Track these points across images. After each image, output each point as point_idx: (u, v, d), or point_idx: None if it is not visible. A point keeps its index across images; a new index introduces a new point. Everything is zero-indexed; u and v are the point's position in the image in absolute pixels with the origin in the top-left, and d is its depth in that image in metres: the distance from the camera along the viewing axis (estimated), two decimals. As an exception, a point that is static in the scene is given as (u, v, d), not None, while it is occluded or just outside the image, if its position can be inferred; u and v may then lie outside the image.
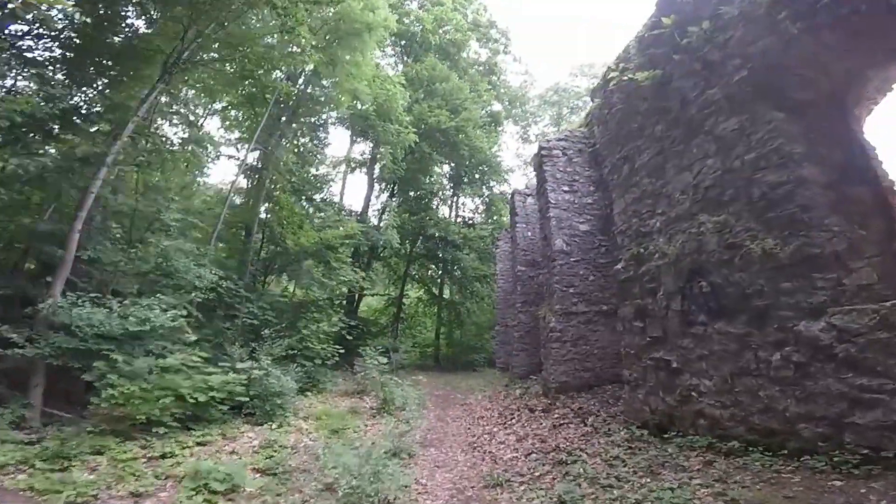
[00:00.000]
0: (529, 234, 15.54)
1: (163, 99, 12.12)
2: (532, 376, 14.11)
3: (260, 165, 15.05)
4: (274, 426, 9.20)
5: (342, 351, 13.54)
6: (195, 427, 7.69)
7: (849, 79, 4.72)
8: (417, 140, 20.16)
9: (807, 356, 4.40)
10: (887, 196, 4.49)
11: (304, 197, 16.51)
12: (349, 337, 15.01)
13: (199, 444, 7.32)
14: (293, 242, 12.78)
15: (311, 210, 17.13)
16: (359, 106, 18.10)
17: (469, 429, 10.09)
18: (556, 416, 9.49)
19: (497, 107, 30.30)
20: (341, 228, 14.21)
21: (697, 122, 6.00)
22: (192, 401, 7.37)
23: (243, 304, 11.97)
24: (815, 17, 4.24)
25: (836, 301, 4.23)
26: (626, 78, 7.36)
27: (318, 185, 18.90)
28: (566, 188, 12.00)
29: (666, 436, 6.19)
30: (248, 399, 8.86)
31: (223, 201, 14.12)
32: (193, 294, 9.05)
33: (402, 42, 25.56)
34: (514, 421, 9.88)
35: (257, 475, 6.67)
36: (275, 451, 7.85)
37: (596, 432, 7.68)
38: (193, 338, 8.30)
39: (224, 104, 16.58)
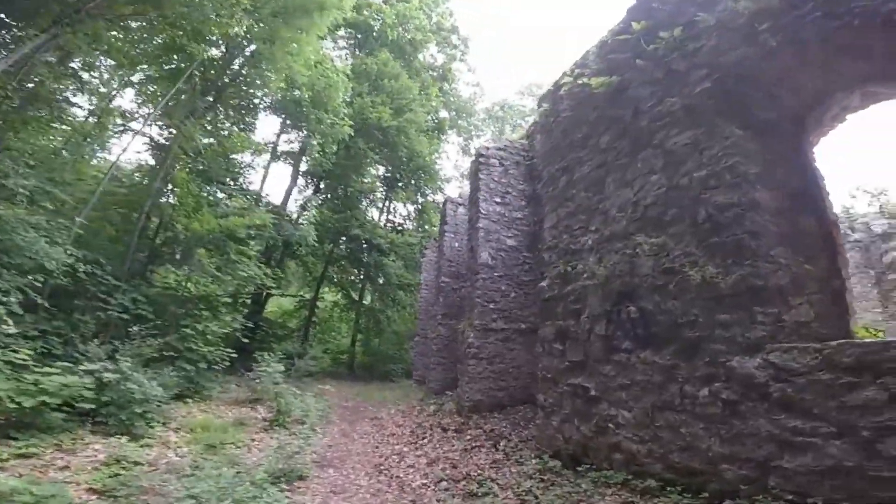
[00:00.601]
0: (457, 244, 15.06)
1: (51, 58, 10.19)
2: (447, 392, 13.49)
3: (167, 143, 13.33)
4: (130, 438, 7.77)
5: (234, 354, 12.07)
6: (20, 436, 6.15)
7: (815, 100, 4.57)
8: (353, 134, 19.07)
9: (738, 394, 4.11)
10: (832, 230, 4.37)
11: (214, 181, 14.80)
12: (244, 340, 13.52)
13: (20, 456, 5.82)
14: (183, 227, 11.18)
15: (219, 196, 15.44)
16: (296, 93, 16.76)
17: (377, 447, 9.20)
18: (468, 437, 8.89)
19: (444, 114, 29.97)
20: (247, 217, 12.75)
21: (647, 134, 5.69)
22: (13, 406, 5.87)
23: (113, 295, 10.22)
24: (801, 30, 4.02)
25: (774, 338, 3.97)
26: (579, 83, 7.02)
27: (235, 171, 17.16)
28: (498, 199, 11.65)
29: (580, 468, 5.76)
30: (95, 406, 7.37)
31: (116, 178, 12.23)
32: (32, 277, 7.37)
33: (358, 35, 24.45)
34: (425, 441, 9.15)
35: (91, 497, 5.36)
36: (123, 469, 6.49)
37: (507, 459, 7.14)
38: (12, 330, 6.69)
39: (144, 77, 14.56)
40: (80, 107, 12.29)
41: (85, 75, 13.61)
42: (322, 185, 22.31)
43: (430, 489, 6.51)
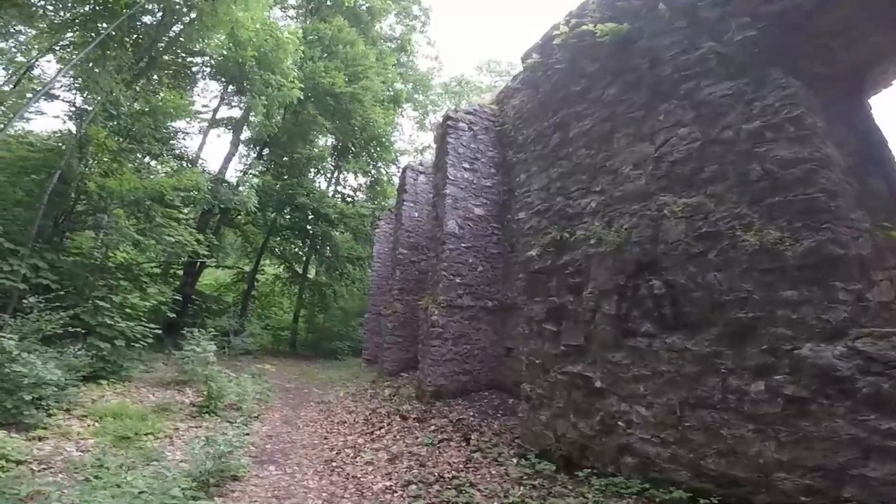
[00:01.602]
0: (416, 214, 13.77)
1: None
2: (403, 373, 12.36)
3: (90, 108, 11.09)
4: (18, 430, 6.13)
5: (159, 330, 10.28)
6: None
7: (875, 55, 3.74)
8: (302, 98, 17.01)
9: (809, 389, 3.24)
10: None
11: (140, 142, 12.42)
12: (171, 315, 11.66)
13: None
14: (96, 185, 9.12)
15: (146, 160, 13.14)
16: (239, 54, 14.53)
17: (326, 438, 7.92)
18: (432, 427, 7.81)
19: (400, 86, 28.05)
20: (175, 178, 10.76)
21: (669, 85, 4.71)
22: None
23: (7, 260, 8.17)
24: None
25: (855, 321, 3.12)
26: (576, 32, 5.92)
27: (165, 133, 14.60)
28: (467, 166, 10.49)
29: (579, 473, 4.81)
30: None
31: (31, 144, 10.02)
32: None
33: (310, 2, 21.95)
34: (383, 431, 7.97)
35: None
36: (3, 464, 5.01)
37: (483, 457, 6.12)
38: None
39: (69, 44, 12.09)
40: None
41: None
42: (265, 153, 20.03)
43: (395, 494, 5.38)
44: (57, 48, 12.85)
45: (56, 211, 9.95)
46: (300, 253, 23.52)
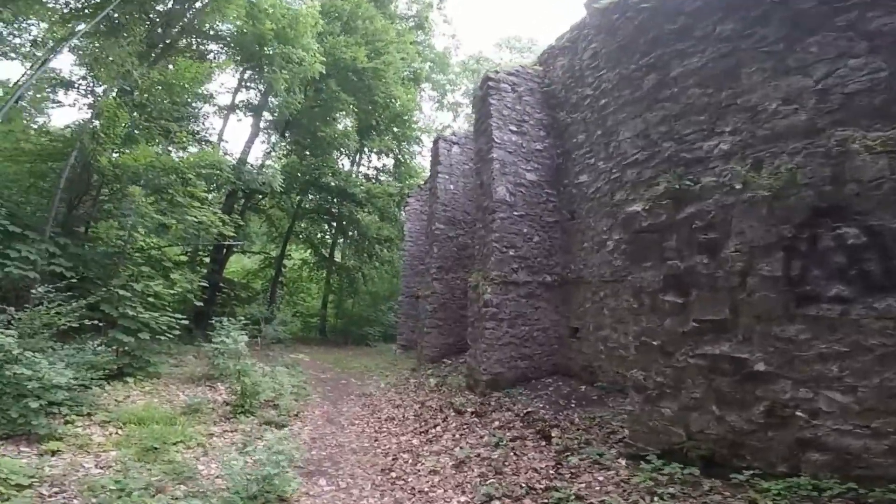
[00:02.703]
0: (452, 187, 12.47)
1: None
2: (445, 360, 11.23)
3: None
4: (28, 443, 5.20)
5: (185, 321, 9.30)
6: None
7: None
8: (324, 72, 15.74)
9: None
10: None
11: (157, 119, 11.34)
12: (198, 304, 10.69)
13: None
14: (108, 161, 8.06)
15: (165, 140, 12.11)
16: (257, 27, 13.34)
17: (376, 440, 6.83)
18: (496, 423, 6.63)
19: (419, 65, 26.51)
20: (195, 156, 9.65)
21: (815, 18, 3.62)
22: None
23: (14, 247, 7.21)
24: None
25: None
26: None
27: (184, 109, 13.52)
28: (514, 128, 9.12)
29: (737, 476, 3.58)
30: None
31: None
32: None
33: None
34: (439, 429, 6.83)
35: None
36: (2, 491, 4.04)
37: (579, 459, 4.91)
38: None
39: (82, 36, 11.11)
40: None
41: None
42: (287, 134, 18.85)
43: (477, 514, 4.23)
44: (74, 41, 12.00)
45: (72, 195, 8.99)
46: (326, 236, 22.52)
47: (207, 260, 17.38)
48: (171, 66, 11.63)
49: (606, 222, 7.68)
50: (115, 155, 8.20)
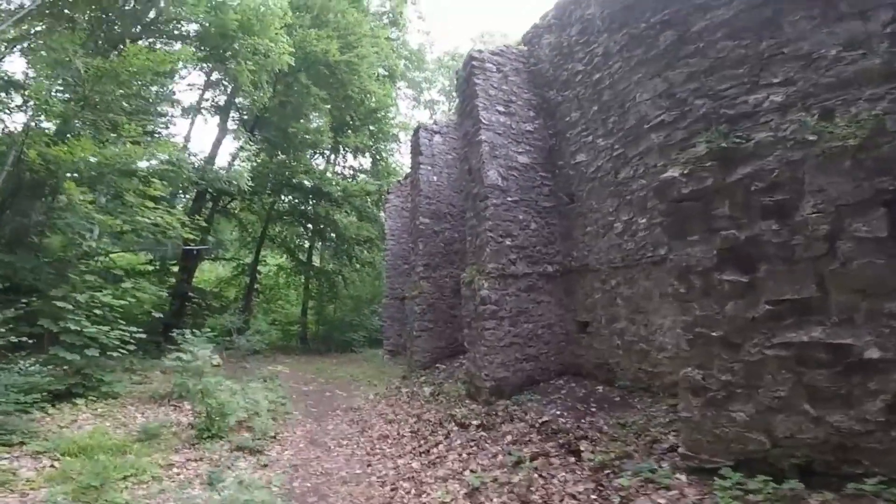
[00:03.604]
0: (435, 178, 11.48)
1: None
2: (439, 365, 10.21)
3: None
4: None
5: (142, 334, 8.04)
6: None
7: None
8: (293, 64, 14.53)
9: None
10: None
11: (106, 111, 9.94)
12: (157, 314, 9.42)
13: None
14: (37, 155, 6.75)
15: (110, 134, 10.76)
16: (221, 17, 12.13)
17: (369, 464, 5.76)
18: (508, 437, 5.65)
19: (395, 61, 25.41)
20: (146, 147, 8.32)
21: None
22: None
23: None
24: None
25: None
26: None
27: (138, 106, 12.05)
28: (501, 108, 8.23)
29: (863, 486, 2.73)
30: None
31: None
32: None
33: None
34: (442, 448, 5.80)
35: None
36: None
37: (628, 479, 3.97)
38: None
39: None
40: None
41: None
42: (257, 132, 17.48)
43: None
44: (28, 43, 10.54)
45: (3, 196, 7.64)
46: (303, 240, 21.21)
47: (176, 269, 15.97)
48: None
49: (612, 203, 6.84)
50: (47, 148, 6.86)
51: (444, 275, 10.92)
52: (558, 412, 6.02)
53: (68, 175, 7.12)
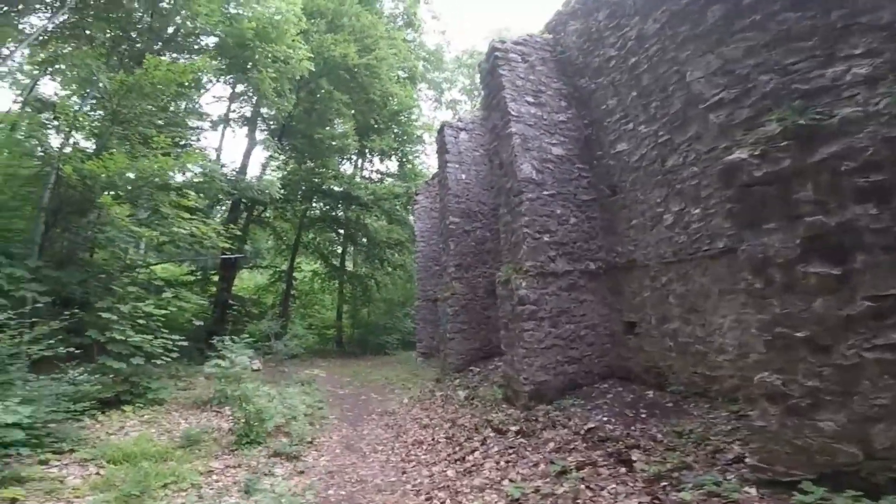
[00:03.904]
0: (464, 176, 11.19)
1: None
2: (473, 368, 9.89)
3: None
4: None
5: (184, 342, 8.11)
6: None
7: None
8: (313, 70, 14.63)
9: None
10: None
11: (135, 124, 10.10)
12: (197, 322, 9.53)
13: None
14: (72, 171, 6.88)
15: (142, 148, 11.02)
16: (237, 28, 12.34)
17: (404, 471, 5.53)
18: (550, 444, 5.29)
19: (414, 62, 25.33)
20: (177, 157, 8.39)
21: None
22: None
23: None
24: None
25: None
26: None
27: (167, 119, 12.20)
28: (531, 99, 7.85)
29: None
30: None
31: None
32: None
33: None
34: (478, 455, 5.50)
35: None
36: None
37: (690, 492, 3.56)
38: None
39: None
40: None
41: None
42: (284, 141, 17.69)
43: None
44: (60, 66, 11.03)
45: (48, 214, 7.87)
46: (335, 245, 21.38)
47: (217, 278, 16.35)
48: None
49: (659, 193, 6.34)
50: (82, 164, 6.99)
51: (476, 275, 10.60)
52: (605, 418, 5.61)
53: (106, 192, 7.22)
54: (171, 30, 13.24)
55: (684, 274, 5.92)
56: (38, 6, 11.02)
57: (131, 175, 7.58)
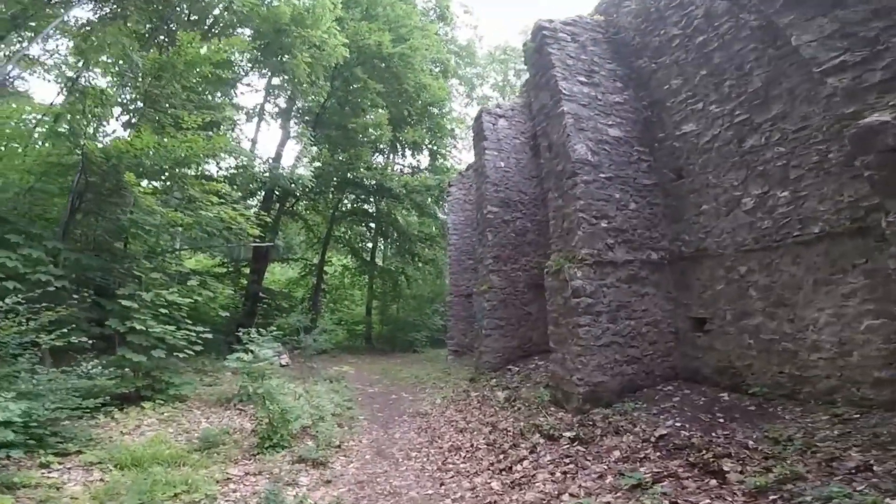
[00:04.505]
0: (502, 164, 10.42)
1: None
2: (511, 367, 9.12)
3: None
4: None
5: (208, 334, 7.65)
6: None
7: None
8: (347, 56, 14.21)
9: None
10: None
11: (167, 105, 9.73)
12: (221, 314, 9.11)
13: None
14: (95, 148, 6.51)
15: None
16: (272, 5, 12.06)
17: (441, 482, 4.84)
18: (616, 454, 4.49)
19: (446, 55, 24.69)
20: (206, 140, 7.91)
21: None
22: None
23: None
24: None
25: None
26: None
27: (200, 101, 11.79)
28: (583, 79, 7.12)
29: None
30: None
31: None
32: None
33: None
34: (527, 464, 4.76)
35: None
36: None
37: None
38: None
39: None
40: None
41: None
42: (317, 132, 17.38)
43: None
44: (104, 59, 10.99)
45: (74, 196, 7.57)
46: (366, 239, 20.97)
47: (247, 270, 16.14)
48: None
49: (736, 175, 5.54)
50: (107, 141, 6.62)
51: (516, 268, 9.83)
52: (678, 424, 4.77)
53: (137, 179, 6.83)
54: (209, 21, 13.12)
55: (768, 263, 5.06)
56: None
57: (158, 154, 7.15)
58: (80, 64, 10.80)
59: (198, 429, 6.29)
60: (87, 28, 10.70)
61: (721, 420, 4.77)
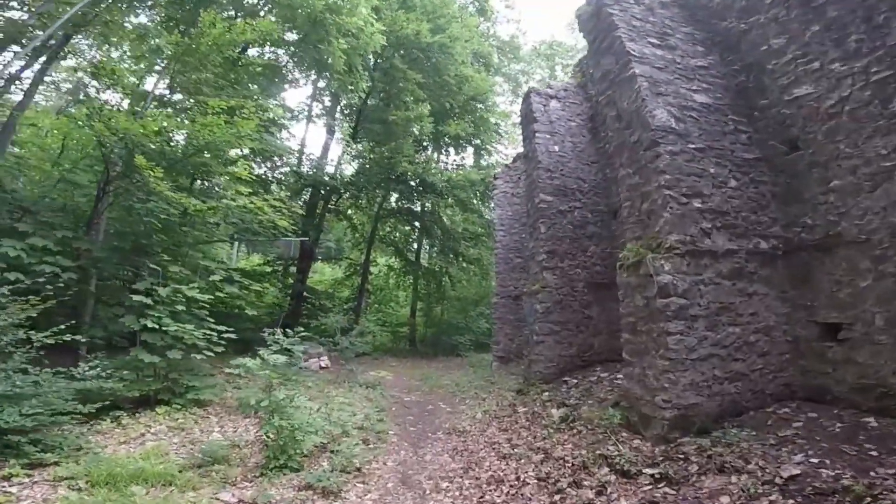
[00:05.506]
0: (557, 148, 9.11)
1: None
2: (568, 379, 7.74)
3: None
4: None
5: (233, 334, 6.88)
6: None
7: None
8: (385, 45, 13.47)
9: None
10: None
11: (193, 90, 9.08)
12: (250, 313, 8.37)
13: None
14: (107, 130, 5.88)
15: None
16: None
17: (479, 535, 3.69)
18: (724, 500, 3.16)
19: (488, 48, 23.56)
20: (234, 122, 7.16)
21: None
22: None
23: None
24: None
25: None
26: None
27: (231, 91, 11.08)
28: (655, 41, 5.88)
29: None
30: None
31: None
32: None
33: None
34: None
35: None
36: None
37: None
38: None
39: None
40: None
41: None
42: (360, 129, 16.75)
43: None
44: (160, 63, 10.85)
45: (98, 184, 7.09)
46: (410, 240, 20.17)
47: (293, 269, 15.73)
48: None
49: (883, 142, 4.05)
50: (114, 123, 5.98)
51: (573, 264, 8.47)
52: (813, 459, 3.34)
53: (154, 165, 6.19)
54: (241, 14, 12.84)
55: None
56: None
57: (180, 139, 6.48)
58: (135, 70, 10.62)
59: (206, 440, 5.47)
60: (141, 32, 10.57)
61: (873, 453, 3.30)
